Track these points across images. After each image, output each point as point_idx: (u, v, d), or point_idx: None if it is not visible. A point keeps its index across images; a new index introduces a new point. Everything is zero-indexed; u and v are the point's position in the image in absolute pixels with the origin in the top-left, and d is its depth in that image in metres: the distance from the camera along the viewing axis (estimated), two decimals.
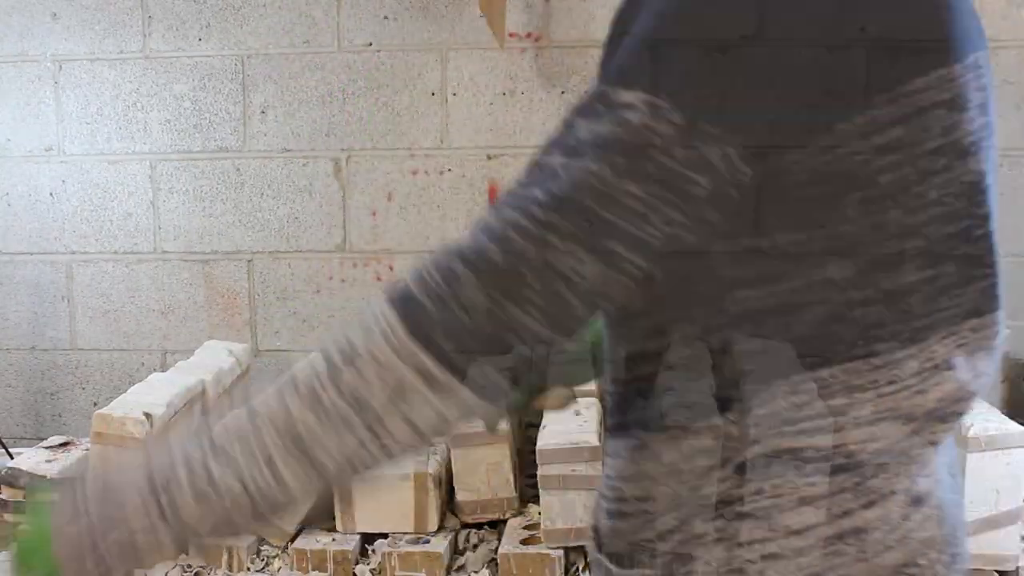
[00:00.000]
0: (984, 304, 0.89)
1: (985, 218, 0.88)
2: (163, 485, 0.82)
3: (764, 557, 0.90)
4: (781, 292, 0.85)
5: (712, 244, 0.84)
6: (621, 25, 0.88)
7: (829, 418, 0.87)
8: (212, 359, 2.51)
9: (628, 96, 0.81)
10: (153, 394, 2.15)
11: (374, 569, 1.96)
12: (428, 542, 1.98)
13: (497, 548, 1.97)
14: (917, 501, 0.89)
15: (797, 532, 0.89)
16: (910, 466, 0.89)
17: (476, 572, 1.95)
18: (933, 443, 0.89)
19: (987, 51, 0.93)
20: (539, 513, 1.97)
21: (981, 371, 0.90)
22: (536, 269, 0.80)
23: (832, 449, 0.88)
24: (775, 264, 0.84)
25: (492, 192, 2.81)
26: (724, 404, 0.87)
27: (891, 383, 0.87)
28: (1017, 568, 1.86)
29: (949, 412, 0.89)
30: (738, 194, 0.81)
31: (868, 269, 0.85)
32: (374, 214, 2.86)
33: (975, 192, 0.87)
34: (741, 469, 0.88)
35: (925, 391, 0.87)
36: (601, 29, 3.01)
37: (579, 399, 2.03)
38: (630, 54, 0.83)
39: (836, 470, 0.88)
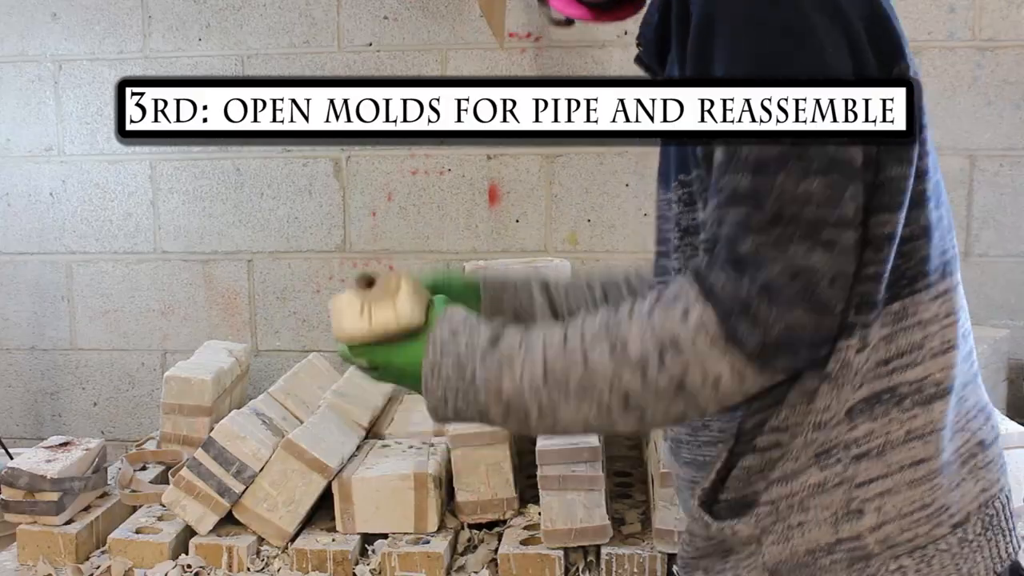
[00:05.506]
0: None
1: (935, 169, 1.05)
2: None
3: (881, 494, 0.99)
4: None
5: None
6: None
7: (913, 353, 1.00)
8: (212, 359, 2.51)
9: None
10: None
11: (374, 569, 1.96)
12: (428, 542, 1.98)
13: (497, 548, 1.97)
14: (980, 444, 1.03)
15: (910, 465, 1.00)
16: (971, 406, 1.03)
17: (476, 572, 1.95)
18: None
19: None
20: (539, 513, 1.96)
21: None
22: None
23: (922, 380, 1.00)
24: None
25: (492, 192, 2.81)
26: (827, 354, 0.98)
27: (948, 315, 1.01)
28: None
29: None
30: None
31: (909, 206, 0.98)
32: (374, 214, 2.86)
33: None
34: (850, 414, 0.99)
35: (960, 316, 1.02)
36: (601, 29, 2.99)
37: None
38: None
39: (930, 399, 1.00)
